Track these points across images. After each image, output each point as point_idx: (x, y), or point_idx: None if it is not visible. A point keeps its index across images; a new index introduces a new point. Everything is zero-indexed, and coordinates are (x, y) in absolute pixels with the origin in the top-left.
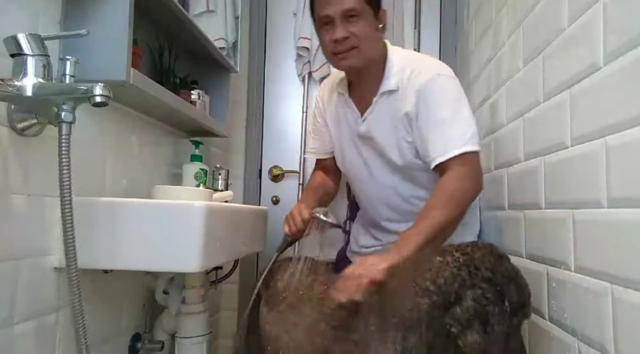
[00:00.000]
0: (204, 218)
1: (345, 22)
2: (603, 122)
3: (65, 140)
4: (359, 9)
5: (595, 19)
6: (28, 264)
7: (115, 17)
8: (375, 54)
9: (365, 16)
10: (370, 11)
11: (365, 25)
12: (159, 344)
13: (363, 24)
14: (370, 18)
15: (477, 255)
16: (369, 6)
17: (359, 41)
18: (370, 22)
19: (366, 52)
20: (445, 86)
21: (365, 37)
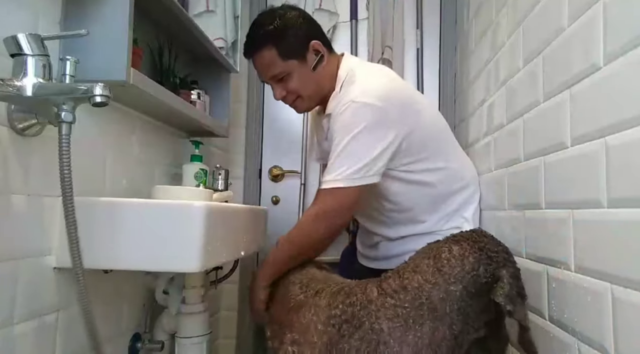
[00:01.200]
0: (204, 218)
1: (278, 83)
2: (603, 122)
3: (65, 140)
4: (279, 71)
5: (595, 19)
6: (28, 264)
7: (115, 17)
8: (319, 88)
9: (291, 71)
10: (295, 62)
11: (295, 78)
12: (159, 344)
13: (293, 79)
14: (297, 69)
15: (485, 240)
16: (291, 59)
17: (297, 92)
18: (300, 72)
19: (310, 96)
20: (352, 114)
21: (300, 87)
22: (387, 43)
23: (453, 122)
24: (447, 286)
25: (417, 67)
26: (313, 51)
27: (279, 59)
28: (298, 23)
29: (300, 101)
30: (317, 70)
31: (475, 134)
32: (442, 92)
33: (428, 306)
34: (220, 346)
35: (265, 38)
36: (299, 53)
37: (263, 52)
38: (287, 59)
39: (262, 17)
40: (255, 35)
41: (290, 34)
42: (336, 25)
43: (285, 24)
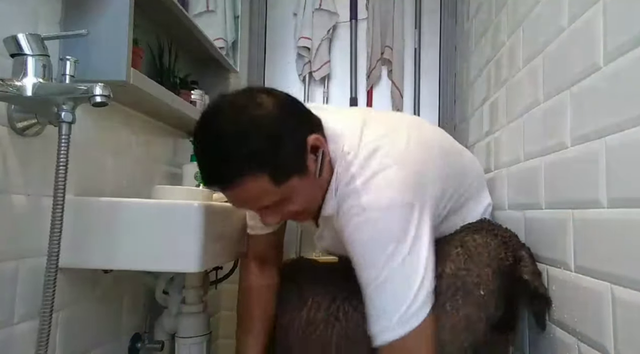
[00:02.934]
0: (204, 218)
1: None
2: (603, 122)
3: (65, 140)
4: (275, 200)
5: (595, 19)
6: (28, 264)
7: (115, 17)
8: (322, 193)
9: (290, 193)
10: (295, 178)
11: (295, 198)
12: (159, 344)
13: (293, 201)
14: (297, 185)
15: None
16: (289, 179)
17: (298, 209)
18: (300, 187)
19: (312, 207)
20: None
21: (303, 204)
22: (386, 43)
23: (453, 122)
24: (479, 270)
25: (415, 67)
26: (312, 151)
27: (272, 186)
28: (286, 121)
29: (303, 215)
30: (318, 181)
31: (476, 134)
32: (442, 92)
33: (464, 291)
34: (220, 346)
35: (249, 164)
36: (299, 165)
37: (247, 183)
38: (284, 183)
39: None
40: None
41: (284, 146)
42: (336, 25)
43: (272, 133)
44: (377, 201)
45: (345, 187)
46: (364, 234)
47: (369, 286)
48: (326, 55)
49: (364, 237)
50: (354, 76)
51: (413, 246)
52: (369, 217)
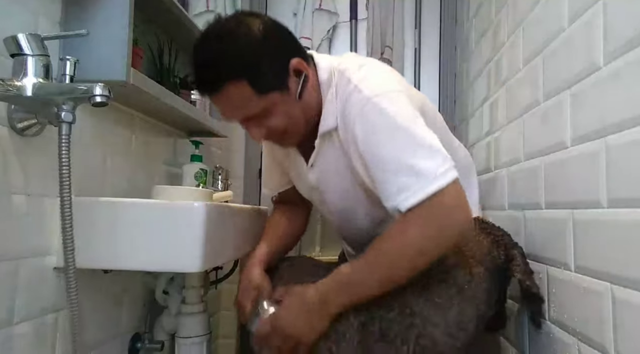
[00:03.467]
0: (204, 218)
1: (253, 122)
2: (603, 122)
3: (65, 140)
4: (256, 110)
5: (595, 19)
6: (28, 264)
7: (115, 17)
8: (307, 117)
9: (272, 106)
10: (276, 94)
11: (277, 114)
12: (159, 344)
13: (274, 115)
14: (279, 101)
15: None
16: (270, 92)
17: (282, 128)
18: (282, 104)
19: (296, 129)
20: (382, 111)
21: (286, 122)
22: (387, 43)
23: (453, 122)
24: (471, 268)
25: (415, 67)
26: (294, 73)
27: (253, 95)
28: (271, 39)
29: (287, 137)
30: (304, 95)
31: (476, 134)
32: (442, 92)
33: (456, 288)
34: (220, 346)
35: (231, 68)
36: (280, 80)
37: (229, 87)
38: (265, 93)
39: (219, 33)
40: (215, 63)
41: (266, 58)
42: (336, 25)
43: (257, 45)
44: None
45: (345, 87)
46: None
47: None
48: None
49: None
50: None
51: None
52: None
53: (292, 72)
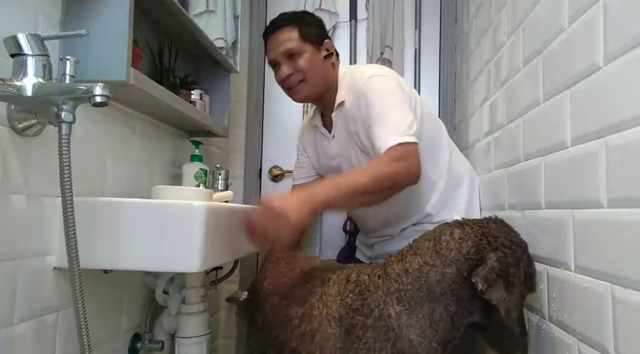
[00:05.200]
0: (204, 218)
1: (289, 61)
2: (603, 122)
3: (65, 140)
4: (296, 48)
5: (595, 19)
6: (28, 264)
7: (115, 17)
8: (324, 79)
9: (305, 52)
10: (310, 46)
11: (307, 59)
12: (159, 344)
13: (305, 59)
14: (311, 52)
15: (493, 226)
16: (308, 43)
17: (304, 74)
18: (312, 55)
19: (313, 81)
20: (379, 84)
21: (309, 69)
22: (387, 43)
23: (453, 122)
24: (443, 268)
25: (415, 67)
26: (325, 48)
27: (298, 38)
28: (320, 23)
29: (303, 85)
30: (327, 62)
31: (476, 134)
32: (442, 92)
33: (427, 287)
34: (220, 346)
35: (291, 19)
36: (316, 41)
37: (285, 29)
38: (304, 41)
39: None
40: (281, 17)
41: (312, 24)
42: (336, 25)
43: (310, 16)
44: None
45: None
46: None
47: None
48: None
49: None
50: None
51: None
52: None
53: (325, 47)
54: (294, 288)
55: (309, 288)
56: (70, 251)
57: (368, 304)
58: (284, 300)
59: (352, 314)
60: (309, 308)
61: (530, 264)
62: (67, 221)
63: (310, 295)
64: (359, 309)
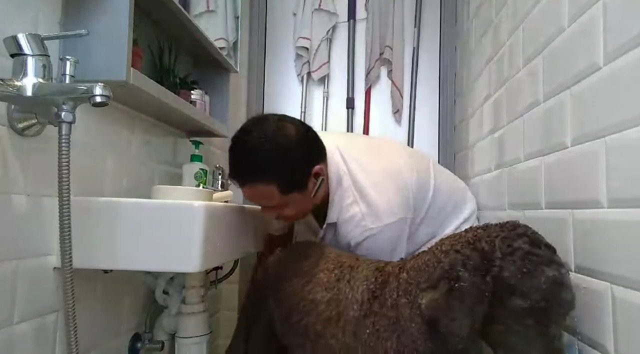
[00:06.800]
0: (204, 218)
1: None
2: (603, 122)
3: (65, 140)
4: (279, 203)
5: (595, 19)
6: (28, 264)
7: (115, 17)
8: (313, 206)
9: (291, 202)
10: (296, 193)
11: (294, 207)
12: (159, 344)
13: (292, 207)
14: (297, 199)
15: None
16: (292, 192)
17: (294, 216)
18: (299, 201)
19: (304, 215)
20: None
21: (299, 213)
22: (387, 43)
23: (453, 122)
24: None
25: (412, 66)
26: (314, 177)
27: (278, 193)
28: (303, 149)
29: (294, 219)
30: (318, 193)
31: (476, 134)
32: (442, 92)
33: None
34: (220, 346)
35: (266, 172)
36: (301, 185)
37: (259, 186)
38: (288, 193)
39: (261, 137)
40: (253, 163)
41: (296, 168)
42: (335, 26)
43: (288, 156)
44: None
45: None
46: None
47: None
48: (325, 56)
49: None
50: (351, 76)
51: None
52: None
53: (313, 176)
54: (319, 273)
55: (337, 273)
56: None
57: (385, 293)
58: (307, 285)
59: (372, 300)
60: (336, 293)
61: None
62: (62, 221)
63: (338, 281)
64: (378, 297)
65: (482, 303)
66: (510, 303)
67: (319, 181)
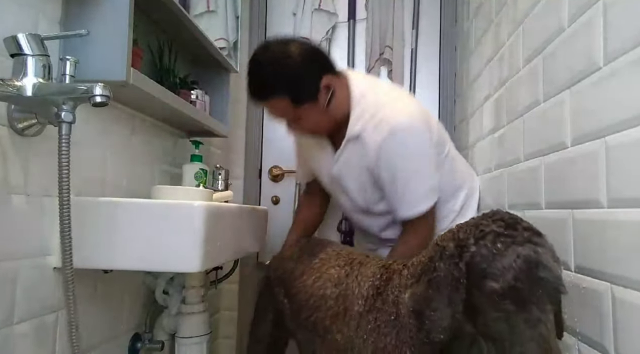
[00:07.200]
0: (204, 218)
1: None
2: (603, 122)
3: (65, 140)
4: (292, 116)
5: (595, 19)
6: (28, 264)
7: (115, 17)
8: (332, 121)
9: (303, 113)
10: (308, 105)
11: (310, 119)
12: (159, 344)
13: (307, 120)
14: (311, 110)
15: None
16: (304, 104)
17: (313, 130)
18: (314, 113)
19: (325, 129)
20: (403, 142)
21: (316, 126)
22: (387, 43)
23: (453, 122)
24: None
25: (411, 66)
26: (324, 89)
27: (291, 106)
28: (307, 64)
29: (316, 135)
30: (330, 105)
31: (476, 134)
32: (442, 92)
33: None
34: (220, 346)
35: (278, 88)
36: (312, 96)
37: (274, 101)
38: (300, 105)
39: (267, 60)
40: (264, 82)
41: (303, 79)
42: (335, 26)
43: (296, 70)
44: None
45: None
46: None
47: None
48: None
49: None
50: None
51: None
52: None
53: (323, 88)
54: (331, 269)
55: (347, 270)
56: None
57: (387, 289)
58: (318, 281)
59: (375, 297)
60: (344, 289)
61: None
62: (62, 221)
63: (347, 276)
64: (381, 293)
65: (458, 290)
66: (485, 287)
67: (329, 93)
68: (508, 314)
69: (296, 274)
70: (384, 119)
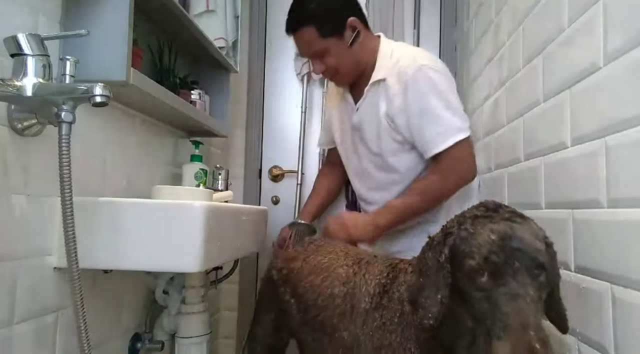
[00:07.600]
0: (204, 218)
1: (317, 58)
2: (603, 122)
3: (65, 140)
4: (318, 48)
5: (595, 19)
6: (28, 264)
7: (115, 17)
8: (358, 62)
9: (330, 48)
10: (334, 39)
11: (333, 55)
12: (159, 344)
13: (331, 55)
14: (336, 46)
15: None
16: (329, 37)
17: (336, 68)
18: (338, 48)
19: (347, 70)
20: (431, 77)
21: (339, 63)
22: None
23: None
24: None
25: None
26: (350, 28)
27: (318, 37)
28: (337, 6)
29: (339, 76)
30: (354, 46)
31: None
32: None
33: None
34: (220, 346)
35: (306, 17)
36: (337, 31)
37: (303, 30)
38: (326, 37)
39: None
40: (296, 14)
41: (330, 12)
42: None
43: (325, 3)
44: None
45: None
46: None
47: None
48: None
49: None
50: None
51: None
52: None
53: (349, 27)
54: (339, 268)
55: (354, 269)
56: (69, 251)
57: (393, 287)
58: (326, 280)
59: (382, 294)
60: (352, 287)
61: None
62: (66, 221)
63: (355, 275)
64: (387, 291)
65: (443, 275)
66: (465, 267)
67: (354, 34)
68: (488, 292)
69: (303, 274)
70: (410, 64)
